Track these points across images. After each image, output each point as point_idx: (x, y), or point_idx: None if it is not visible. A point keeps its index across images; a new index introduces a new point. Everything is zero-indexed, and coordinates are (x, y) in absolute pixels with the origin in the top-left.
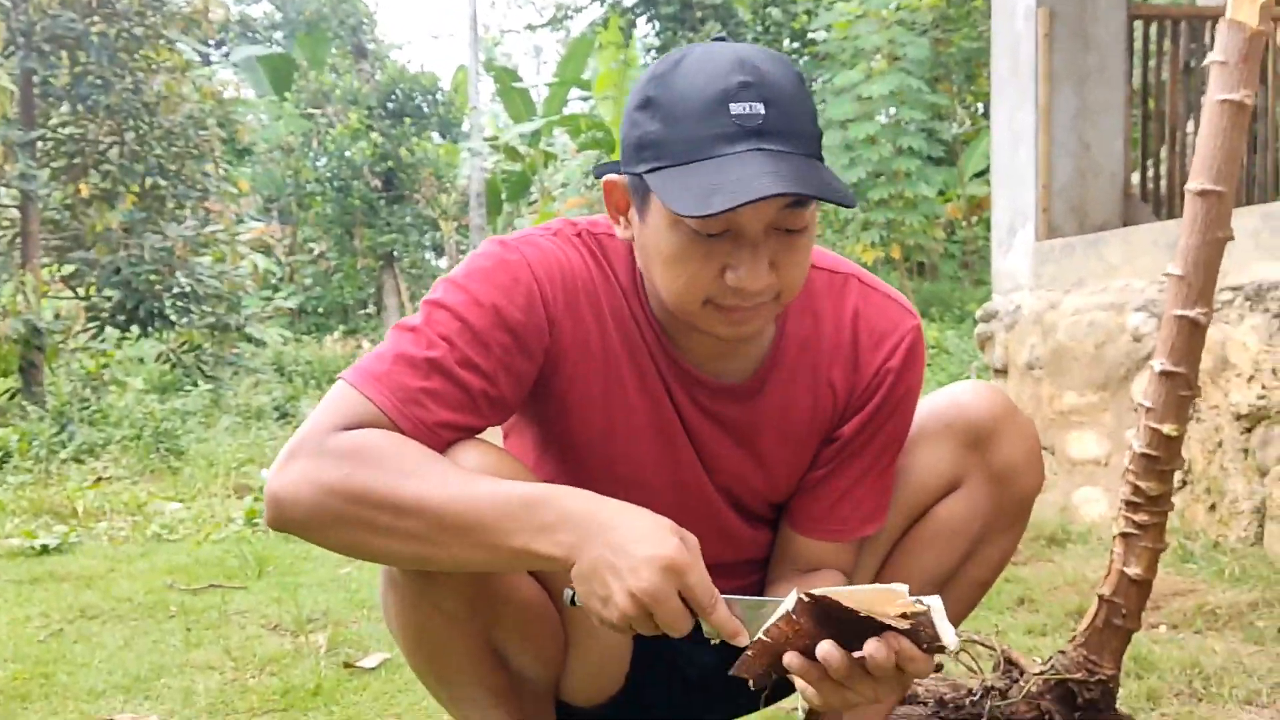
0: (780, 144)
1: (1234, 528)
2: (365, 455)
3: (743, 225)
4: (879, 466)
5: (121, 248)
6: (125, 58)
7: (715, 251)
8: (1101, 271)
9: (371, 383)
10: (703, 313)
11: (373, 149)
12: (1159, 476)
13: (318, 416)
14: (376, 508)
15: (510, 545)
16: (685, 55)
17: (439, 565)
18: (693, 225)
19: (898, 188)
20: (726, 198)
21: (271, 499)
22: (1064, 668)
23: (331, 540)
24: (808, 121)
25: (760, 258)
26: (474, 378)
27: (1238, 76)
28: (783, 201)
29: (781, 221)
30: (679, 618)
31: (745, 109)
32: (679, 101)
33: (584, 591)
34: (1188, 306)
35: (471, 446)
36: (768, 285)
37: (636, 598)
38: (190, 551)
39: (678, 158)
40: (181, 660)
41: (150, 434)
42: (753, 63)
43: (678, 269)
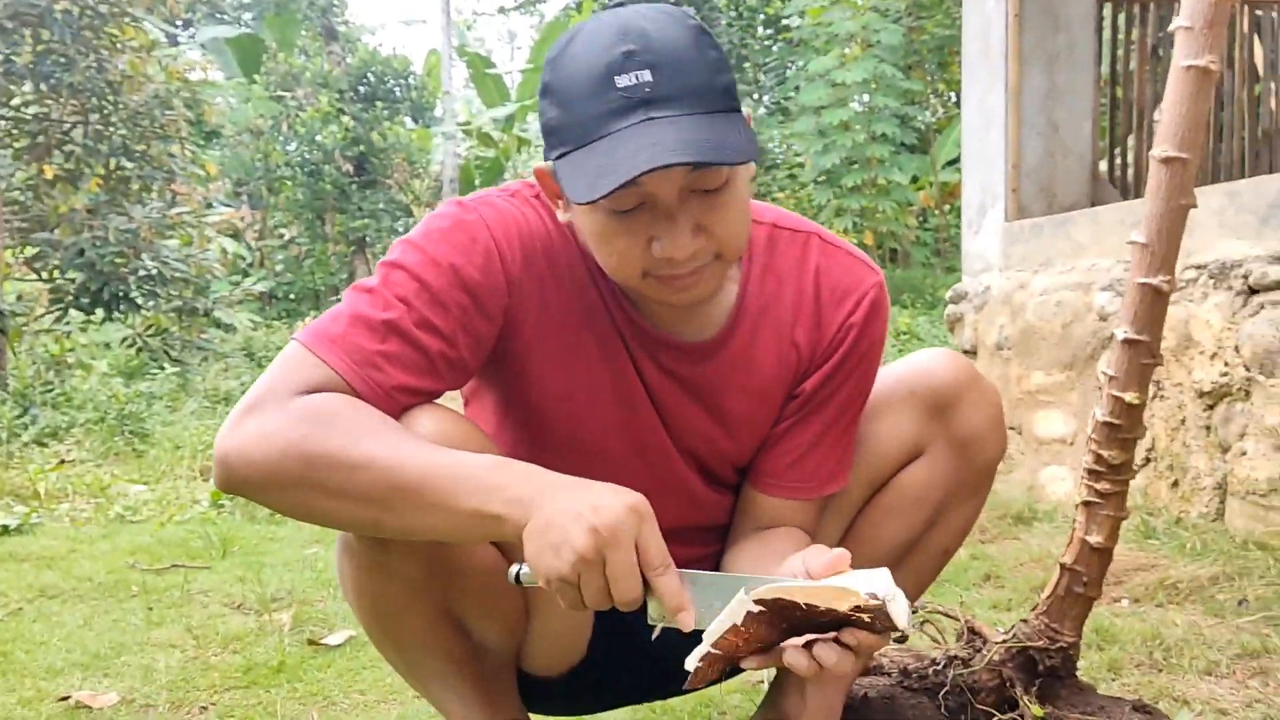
0: (673, 109)
1: (1196, 504)
2: (320, 417)
3: (655, 196)
4: (841, 423)
5: (86, 229)
6: (89, 36)
7: (637, 225)
8: (1069, 251)
9: (327, 345)
10: (646, 284)
11: (344, 133)
12: (1121, 445)
13: (271, 378)
14: (330, 468)
15: (464, 507)
16: (575, 34)
17: (391, 531)
18: (606, 205)
19: (871, 174)
20: (611, 179)
21: (221, 459)
22: (1026, 636)
23: (283, 502)
24: (706, 75)
25: (680, 225)
26: (432, 339)
27: (1203, 42)
28: (687, 165)
29: (695, 184)
30: (631, 573)
31: (631, 79)
32: (570, 84)
33: (535, 547)
34: (1151, 274)
35: (428, 411)
36: (699, 249)
37: (597, 533)
38: (153, 532)
39: (577, 141)
40: (142, 639)
41: (115, 417)
42: (638, 28)
43: (606, 248)
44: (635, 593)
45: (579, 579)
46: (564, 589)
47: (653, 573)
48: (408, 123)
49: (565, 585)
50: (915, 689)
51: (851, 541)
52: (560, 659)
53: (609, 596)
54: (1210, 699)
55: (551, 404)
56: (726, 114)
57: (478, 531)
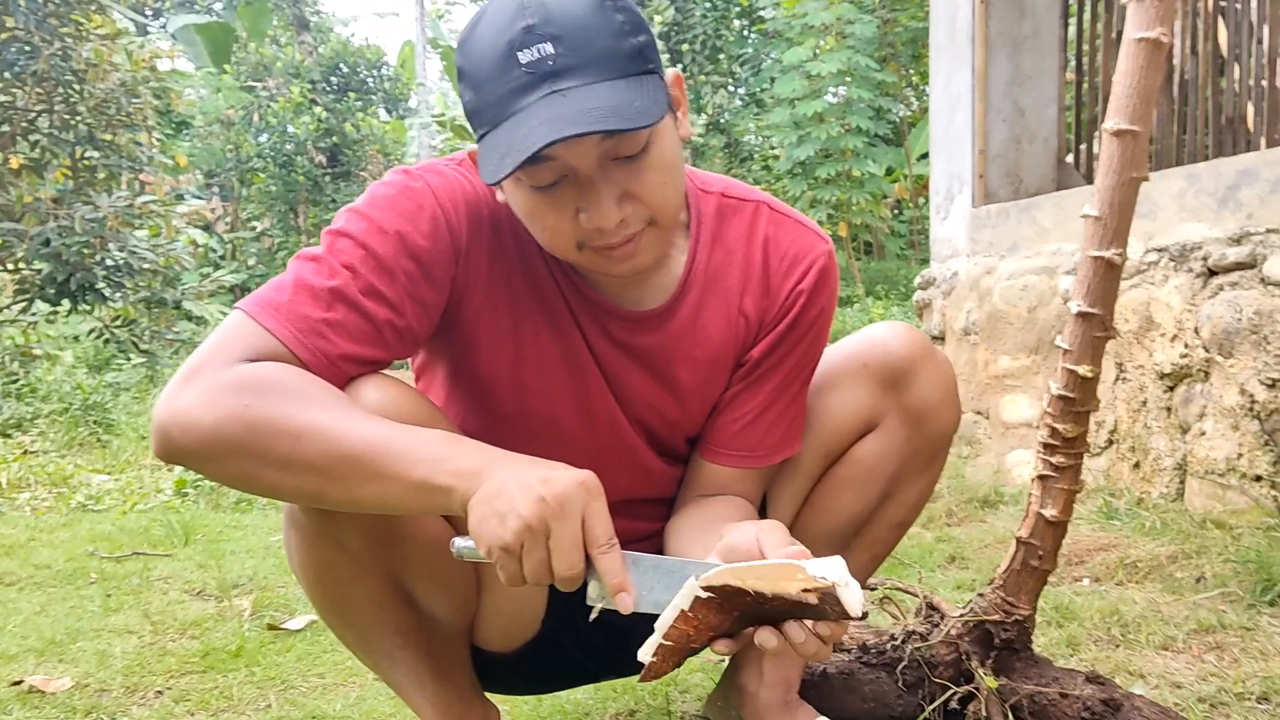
0: (576, 78)
1: (1157, 484)
2: (263, 385)
3: (573, 167)
4: (789, 392)
5: (51, 219)
6: (55, 23)
7: (562, 199)
8: (1035, 236)
9: (270, 313)
10: (583, 257)
11: (316, 124)
12: (1075, 418)
13: (212, 345)
14: (273, 437)
15: (411, 477)
16: (480, 15)
17: (335, 503)
18: (528, 182)
19: (845, 166)
20: (513, 158)
21: (159, 426)
22: (982, 610)
23: (224, 472)
24: (611, 41)
25: (602, 194)
26: (378, 307)
27: (1154, 14)
28: (599, 135)
29: (612, 152)
30: (575, 547)
31: (533, 54)
32: (478, 66)
33: (480, 514)
34: (1103, 247)
35: (374, 381)
36: (626, 216)
37: (545, 502)
38: (115, 521)
39: (491, 122)
40: (99, 625)
41: (80, 407)
42: (536, 1)
43: (537, 224)
44: (577, 568)
45: (521, 549)
46: (504, 560)
47: (597, 549)
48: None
49: (506, 556)
50: (874, 664)
51: (807, 514)
52: (514, 634)
53: (549, 571)
54: (1166, 673)
55: (500, 373)
56: (638, 77)
57: (424, 502)
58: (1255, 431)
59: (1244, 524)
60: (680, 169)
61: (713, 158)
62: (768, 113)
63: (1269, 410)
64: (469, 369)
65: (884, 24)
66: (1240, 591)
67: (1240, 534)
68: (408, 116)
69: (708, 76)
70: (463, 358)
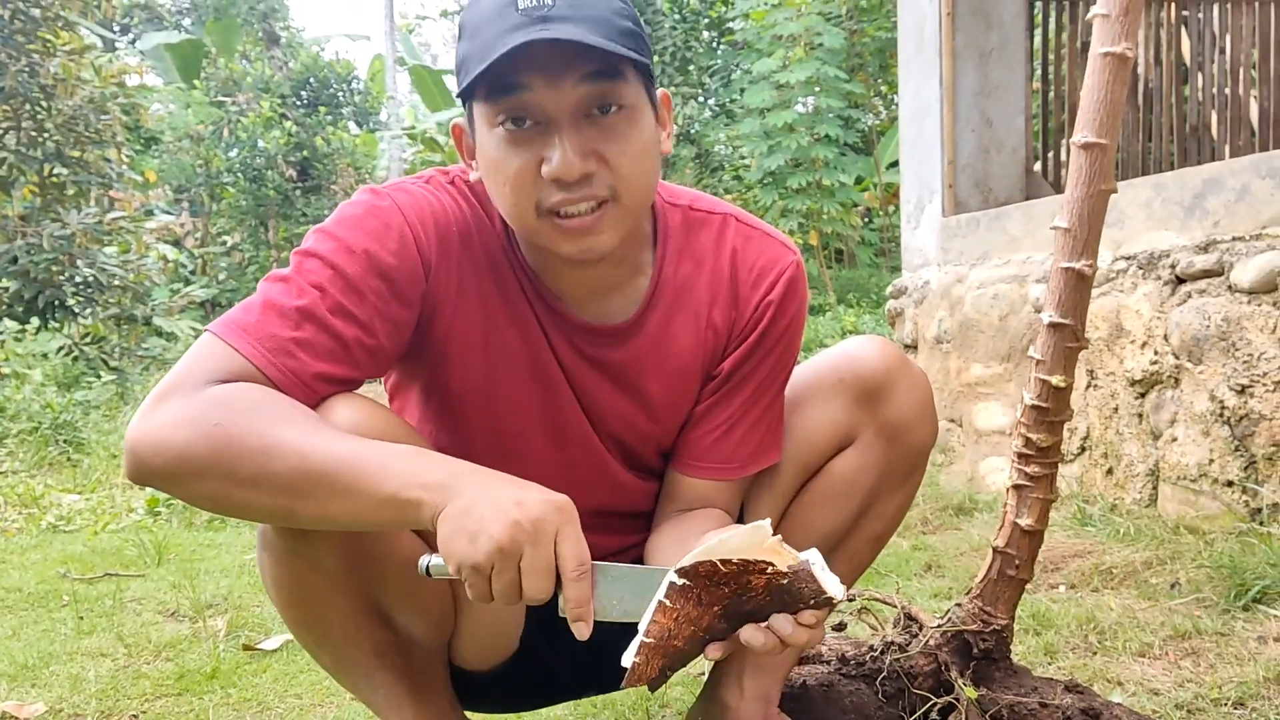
0: (568, 28)
1: (1130, 490)
2: (233, 405)
3: (546, 110)
4: (761, 403)
5: (19, 236)
6: (21, 40)
7: (531, 146)
8: (1004, 245)
9: (239, 334)
10: (541, 226)
11: (287, 138)
12: (1049, 428)
13: (182, 368)
14: (243, 455)
15: (381, 492)
16: None
17: (305, 520)
18: (502, 124)
19: (815, 175)
20: (492, 58)
21: (131, 448)
22: (960, 619)
23: (195, 492)
24: (608, 13)
25: (569, 141)
26: (348, 326)
27: (1119, 29)
28: (580, 74)
29: (590, 101)
30: (546, 572)
31: (533, 1)
32: (478, 15)
33: (450, 531)
34: (1074, 258)
35: (346, 400)
36: (591, 174)
37: (519, 526)
38: (87, 541)
39: (477, 64)
40: (72, 648)
41: (49, 426)
42: None
43: (501, 176)
44: (547, 593)
45: (491, 570)
46: (473, 579)
47: (567, 575)
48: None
49: (475, 575)
50: (853, 675)
51: (785, 529)
52: (492, 652)
53: (518, 592)
54: (1143, 680)
55: (471, 389)
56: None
57: (393, 516)
58: (1226, 437)
59: (1217, 529)
60: (655, 162)
61: (683, 168)
62: (738, 123)
63: (1239, 416)
64: (441, 385)
65: (852, 35)
66: (1214, 597)
67: (1213, 539)
68: (378, 130)
69: (678, 88)
70: (434, 374)
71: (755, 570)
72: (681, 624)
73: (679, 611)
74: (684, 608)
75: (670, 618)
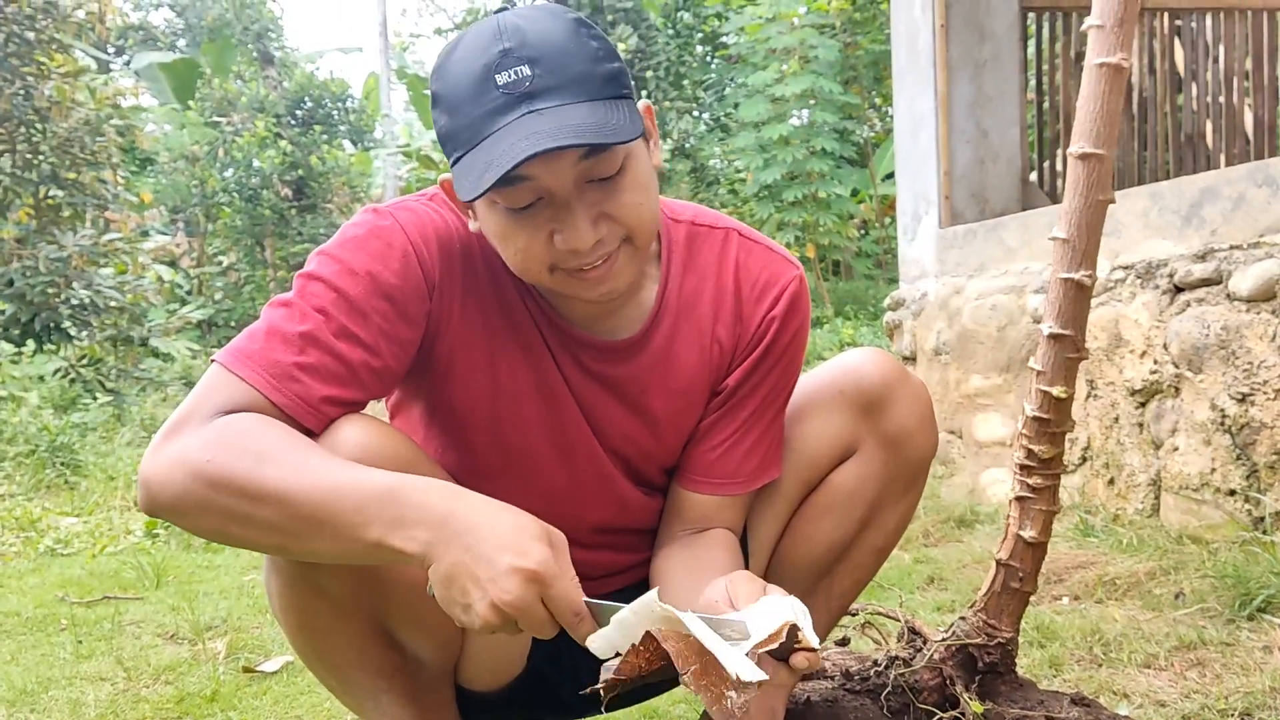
0: (553, 99)
1: (1132, 500)
2: (227, 440)
3: (549, 189)
4: (765, 418)
5: (15, 259)
6: (16, 63)
7: (537, 221)
8: (1002, 256)
9: (244, 362)
10: (555, 280)
11: (282, 157)
12: (1051, 439)
13: (192, 401)
14: (235, 495)
15: (365, 539)
16: (457, 41)
17: (299, 556)
18: (502, 203)
19: (811, 188)
20: (493, 172)
21: (143, 483)
22: (964, 633)
23: (200, 526)
24: (586, 65)
25: (579, 216)
26: (352, 349)
27: (1114, 39)
28: (577, 154)
29: (589, 173)
30: (544, 625)
31: (511, 76)
32: (454, 89)
33: (444, 596)
34: (1073, 269)
35: (354, 422)
36: (603, 237)
37: (499, 609)
38: (85, 565)
39: (467, 144)
40: (71, 672)
41: (46, 449)
42: (513, 25)
43: (510, 247)
44: (552, 634)
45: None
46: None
47: (566, 624)
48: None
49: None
50: (858, 691)
51: (787, 542)
52: (499, 673)
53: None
54: (1149, 691)
55: (476, 406)
56: (613, 100)
57: (382, 561)
58: (1228, 446)
59: (1220, 539)
60: (655, 191)
61: (679, 183)
62: (733, 137)
63: (1240, 425)
64: (445, 403)
65: (846, 47)
66: (1219, 607)
67: (1216, 549)
68: (373, 148)
69: (672, 103)
70: (438, 392)
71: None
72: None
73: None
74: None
75: (642, 659)
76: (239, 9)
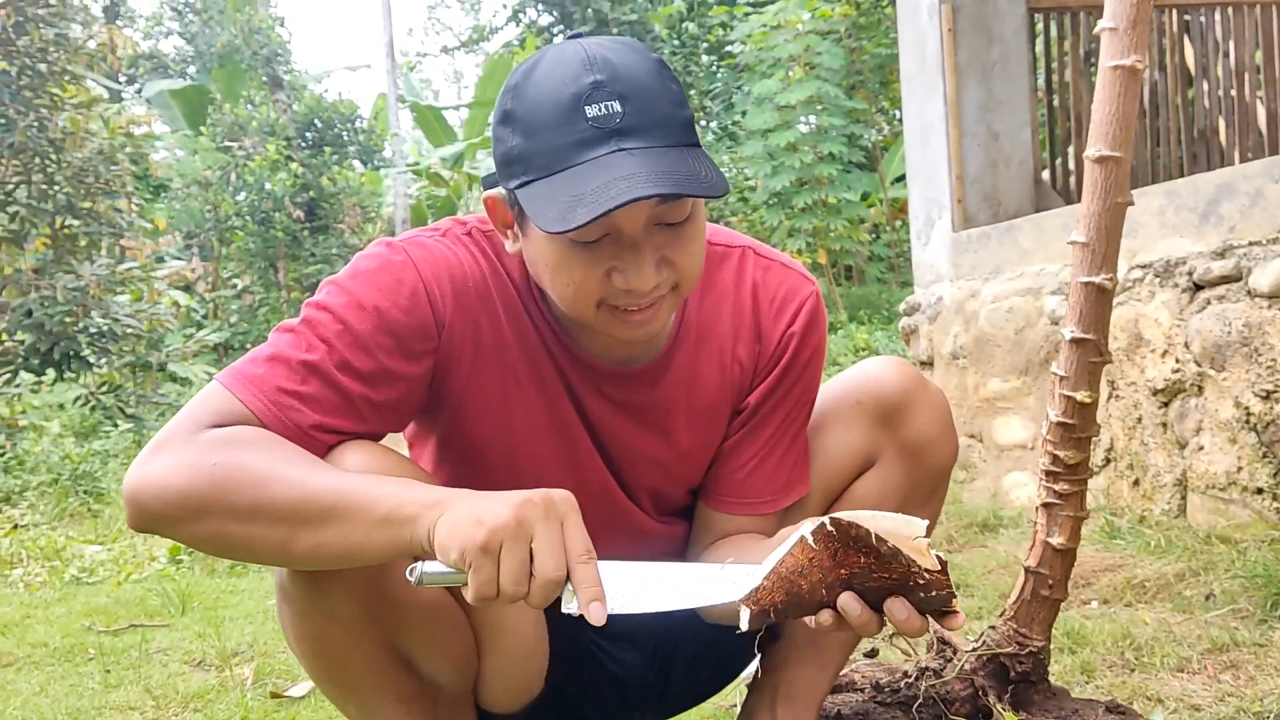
0: (642, 140)
1: (1158, 501)
2: (232, 442)
3: (620, 228)
4: (789, 434)
5: (33, 290)
6: (29, 95)
7: (599, 256)
8: (1016, 258)
9: (244, 384)
10: (599, 317)
11: (293, 180)
12: (1076, 444)
13: (185, 415)
14: (240, 484)
15: (377, 512)
16: (537, 62)
17: (302, 552)
18: (570, 235)
19: (821, 193)
20: (588, 209)
21: (131, 496)
22: (995, 642)
23: (194, 533)
24: (670, 108)
25: (644, 257)
26: (353, 382)
27: (1128, 42)
28: (656, 199)
29: (661, 217)
30: (556, 549)
31: (601, 109)
32: (535, 111)
33: (452, 522)
34: (1093, 272)
35: (358, 446)
36: (660, 281)
37: (530, 501)
38: (110, 593)
39: (542, 170)
40: (100, 703)
41: (69, 478)
42: (604, 58)
43: (564, 278)
44: (560, 571)
45: (499, 549)
46: (480, 563)
47: (575, 559)
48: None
49: (482, 558)
50: (888, 703)
51: None
52: (518, 693)
53: (527, 576)
54: (1183, 696)
55: (490, 443)
56: (691, 148)
57: (389, 536)
58: (1253, 444)
59: (1248, 538)
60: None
61: None
62: (741, 145)
63: (1265, 422)
64: (458, 438)
65: (851, 52)
66: (1250, 607)
67: (1245, 548)
68: (383, 167)
69: None
70: (452, 427)
71: (900, 559)
72: (812, 569)
73: (816, 554)
74: (820, 555)
75: (807, 556)
76: (248, 35)
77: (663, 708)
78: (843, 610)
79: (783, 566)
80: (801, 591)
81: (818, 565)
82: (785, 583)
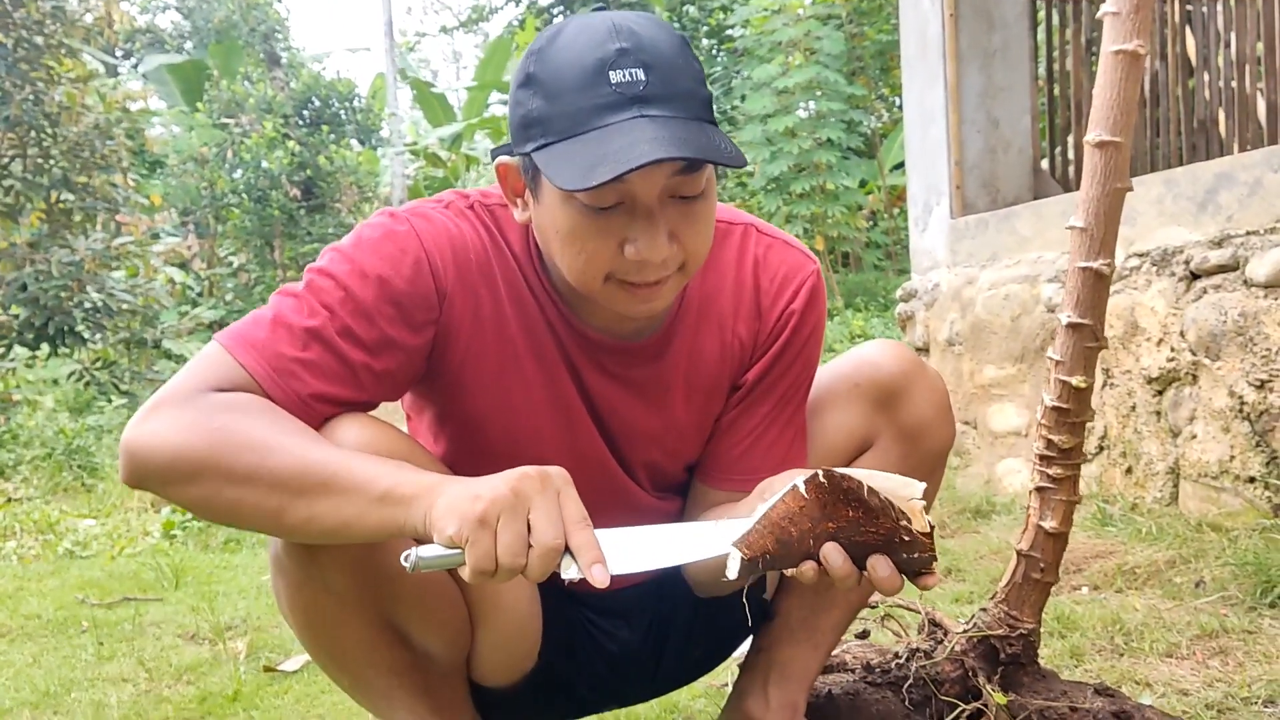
0: (664, 109)
1: (1150, 489)
2: (234, 407)
3: (636, 195)
4: (785, 412)
5: (28, 264)
6: (25, 69)
7: (612, 225)
8: (1014, 245)
9: (245, 348)
10: (606, 290)
11: (290, 158)
12: (1070, 429)
13: (184, 375)
14: (241, 449)
15: (376, 488)
16: (562, 28)
17: (296, 522)
18: (584, 200)
19: (819, 179)
20: (609, 168)
21: (126, 450)
22: (986, 625)
23: (188, 494)
24: (692, 84)
25: (658, 228)
26: (354, 350)
27: (1130, 26)
28: (674, 168)
29: (676, 189)
30: (554, 519)
31: (625, 75)
32: (558, 75)
33: (448, 501)
34: (1091, 258)
35: (355, 419)
36: (669, 256)
37: (526, 475)
38: (104, 566)
39: (562, 133)
40: (93, 674)
41: (62, 452)
42: (630, 28)
43: (575, 246)
44: (558, 540)
45: (496, 522)
46: (477, 537)
47: (573, 525)
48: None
49: (479, 531)
50: (879, 684)
51: None
52: (511, 667)
53: (525, 547)
54: (1171, 680)
55: (488, 416)
56: (710, 124)
57: (385, 514)
58: (1246, 433)
59: (1240, 526)
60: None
61: None
62: (740, 130)
63: (1259, 411)
64: (456, 410)
65: (851, 38)
66: (1240, 594)
67: (1236, 536)
68: (380, 147)
69: None
70: (450, 399)
71: (890, 514)
72: (802, 517)
73: (806, 504)
74: (811, 505)
75: (798, 505)
76: (246, 10)
77: (655, 685)
78: (824, 559)
79: (774, 512)
80: (790, 540)
81: (807, 514)
82: (775, 529)
